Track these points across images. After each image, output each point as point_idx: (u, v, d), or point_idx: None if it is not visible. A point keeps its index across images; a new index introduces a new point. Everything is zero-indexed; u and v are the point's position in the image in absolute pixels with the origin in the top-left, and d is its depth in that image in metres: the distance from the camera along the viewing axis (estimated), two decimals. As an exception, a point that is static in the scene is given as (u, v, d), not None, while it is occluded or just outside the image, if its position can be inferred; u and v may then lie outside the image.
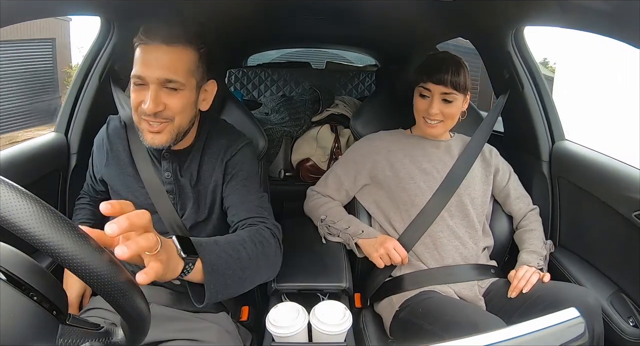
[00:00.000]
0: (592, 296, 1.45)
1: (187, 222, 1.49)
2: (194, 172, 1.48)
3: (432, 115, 1.71)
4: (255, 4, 2.11)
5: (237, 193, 1.47)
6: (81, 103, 1.94)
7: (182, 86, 1.31)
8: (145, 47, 1.28)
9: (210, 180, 1.49)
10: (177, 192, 1.48)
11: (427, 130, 1.77)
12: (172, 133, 1.35)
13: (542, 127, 2.00)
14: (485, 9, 1.78)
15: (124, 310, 0.74)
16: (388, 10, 2.19)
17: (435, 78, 1.68)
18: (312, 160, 3.05)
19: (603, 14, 1.27)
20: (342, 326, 1.33)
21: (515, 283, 1.60)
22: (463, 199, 1.76)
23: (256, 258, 1.25)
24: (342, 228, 1.75)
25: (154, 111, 1.28)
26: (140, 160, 1.49)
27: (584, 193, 1.78)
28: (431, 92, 1.70)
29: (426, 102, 1.73)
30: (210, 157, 1.49)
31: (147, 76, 1.27)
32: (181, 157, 1.48)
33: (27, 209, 0.65)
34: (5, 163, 1.64)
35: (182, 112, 1.34)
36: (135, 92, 1.31)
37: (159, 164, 1.49)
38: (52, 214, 0.67)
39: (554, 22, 1.60)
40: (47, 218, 0.67)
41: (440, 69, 1.68)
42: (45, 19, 1.81)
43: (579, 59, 7.74)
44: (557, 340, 0.68)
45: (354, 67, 5.18)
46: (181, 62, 1.30)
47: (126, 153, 1.52)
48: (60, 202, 1.89)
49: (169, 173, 1.47)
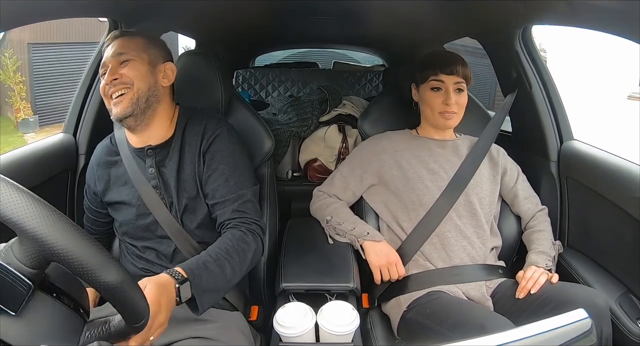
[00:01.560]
0: (600, 297, 1.44)
1: (176, 214, 1.52)
2: (175, 164, 1.52)
3: (451, 105, 1.72)
4: (262, 5, 2.11)
5: (219, 190, 1.51)
6: (89, 104, 1.96)
7: (133, 58, 1.46)
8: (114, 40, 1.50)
9: (191, 169, 1.52)
10: (162, 187, 1.51)
11: (446, 123, 1.77)
12: (132, 100, 1.44)
13: (550, 127, 1.99)
14: (493, 8, 1.77)
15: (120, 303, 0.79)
16: (395, 10, 2.19)
17: (447, 69, 1.72)
18: (319, 160, 3.05)
19: (613, 12, 1.26)
20: (349, 326, 1.33)
21: (523, 283, 1.59)
22: (471, 199, 1.75)
23: (239, 266, 1.39)
24: (347, 230, 1.76)
25: (111, 78, 1.43)
26: (129, 164, 1.53)
27: (593, 194, 1.76)
28: (445, 83, 1.72)
29: (440, 95, 1.74)
30: (190, 147, 1.53)
31: (106, 59, 1.47)
32: (162, 151, 1.53)
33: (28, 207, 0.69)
34: (15, 164, 1.65)
35: (136, 78, 1.45)
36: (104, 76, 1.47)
37: (143, 163, 1.52)
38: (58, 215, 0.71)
39: (563, 21, 1.59)
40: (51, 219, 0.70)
41: (450, 61, 1.72)
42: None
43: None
44: (565, 341, 0.68)
45: (362, 67, 5.16)
46: (131, 43, 1.48)
47: (116, 161, 1.58)
48: (69, 202, 1.91)
49: (153, 168, 1.51)
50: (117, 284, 0.74)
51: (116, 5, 1.69)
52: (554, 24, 1.69)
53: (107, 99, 1.46)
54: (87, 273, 0.71)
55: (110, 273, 0.73)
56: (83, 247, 0.70)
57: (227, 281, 1.34)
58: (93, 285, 0.73)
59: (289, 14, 2.53)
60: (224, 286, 1.34)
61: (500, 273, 1.73)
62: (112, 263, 0.74)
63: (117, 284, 0.74)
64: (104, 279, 0.73)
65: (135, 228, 1.55)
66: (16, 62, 10.10)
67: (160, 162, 1.52)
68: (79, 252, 0.70)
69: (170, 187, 1.51)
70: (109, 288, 0.74)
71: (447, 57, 1.74)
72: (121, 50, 1.45)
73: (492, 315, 1.48)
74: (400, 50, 3.83)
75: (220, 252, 1.36)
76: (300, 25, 3.11)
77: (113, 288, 0.74)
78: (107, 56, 1.47)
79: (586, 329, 0.70)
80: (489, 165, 1.84)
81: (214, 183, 1.50)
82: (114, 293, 0.75)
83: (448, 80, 1.72)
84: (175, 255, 1.53)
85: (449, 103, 1.72)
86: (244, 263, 1.41)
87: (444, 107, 1.74)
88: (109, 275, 0.73)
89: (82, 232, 0.72)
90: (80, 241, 0.71)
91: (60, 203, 1.86)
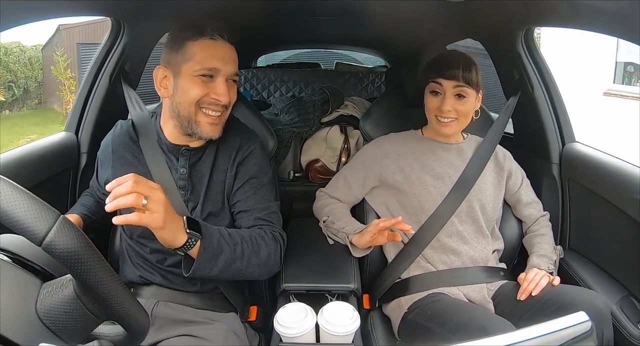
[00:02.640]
0: (601, 300, 1.44)
1: (198, 217, 1.49)
2: (207, 168, 1.50)
3: (445, 112, 1.68)
4: (264, 5, 2.11)
5: (246, 201, 1.50)
6: (91, 103, 1.96)
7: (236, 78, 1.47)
8: (214, 42, 1.39)
9: (222, 178, 1.51)
10: (189, 188, 1.49)
11: (441, 129, 1.74)
12: (223, 124, 1.47)
13: (552, 129, 1.98)
14: (494, 10, 1.77)
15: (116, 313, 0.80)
16: (397, 11, 2.18)
17: (446, 73, 1.66)
18: (321, 160, 3.05)
19: (614, 14, 1.25)
20: (350, 327, 1.33)
21: (525, 285, 1.59)
22: (473, 205, 1.74)
23: (249, 256, 1.36)
24: (339, 228, 1.74)
25: (227, 100, 1.41)
26: (151, 158, 1.50)
27: (594, 196, 1.76)
28: (443, 87, 1.68)
29: (438, 100, 1.70)
30: (224, 155, 1.52)
31: (222, 69, 1.39)
32: (197, 153, 1.51)
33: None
34: (16, 162, 1.66)
35: (233, 103, 1.47)
36: (201, 85, 1.39)
37: (175, 161, 1.50)
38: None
39: (564, 23, 1.59)
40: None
41: (451, 64, 1.67)
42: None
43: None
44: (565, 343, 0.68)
45: (364, 67, 5.16)
46: (237, 58, 1.45)
47: (134, 153, 1.53)
48: (71, 200, 1.90)
49: (185, 169, 1.48)
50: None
51: (118, 4, 1.69)
52: (556, 25, 1.69)
53: (197, 114, 1.41)
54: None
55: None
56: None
57: (232, 259, 1.31)
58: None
59: (291, 14, 2.53)
60: (226, 264, 1.30)
61: (501, 275, 1.73)
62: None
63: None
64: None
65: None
66: (67, 60, 11.54)
67: (193, 165, 1.50)
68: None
69: (199, 192, 1.49)
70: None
71: (449, 61, 1.69)
72: (236, 70, 1.45)
73: (493, 317, 1.48)
74: (402, 51, 3.82)
75: (236, 233, 1.37)
76: (302, 26, 3.11)
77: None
78: (222, 65, 1.40)
79: (587, 332, 0.70)
80: (494, 169, 1.83)
81: (243, 195, 1.50)
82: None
83: (447, 84, 1.67)
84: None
85: (443, 109, 1.68)
86: (256, 256, 1.37)
87: (439, 112, 1.70)
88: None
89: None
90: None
91: (61, 202, 1.86)
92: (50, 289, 0.78)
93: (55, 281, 0.80)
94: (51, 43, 13.51)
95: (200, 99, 1.38)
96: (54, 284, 0.80)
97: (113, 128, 1.62)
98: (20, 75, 13.82)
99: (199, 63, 1.36)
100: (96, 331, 0.86)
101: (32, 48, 14.44)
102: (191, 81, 1.38)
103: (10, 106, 13.97)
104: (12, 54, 13.66)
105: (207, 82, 1.38)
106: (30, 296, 0.77)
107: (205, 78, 1.38)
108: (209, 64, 1.37)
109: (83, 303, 0.77)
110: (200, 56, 1.37)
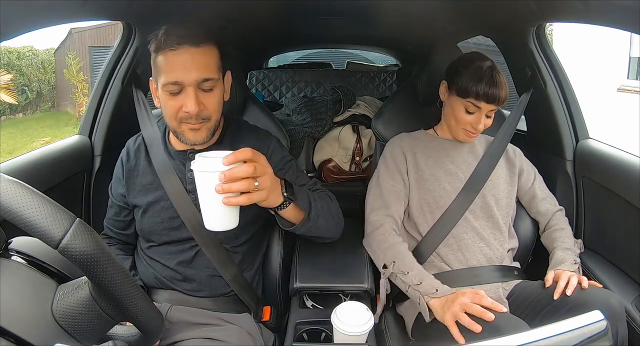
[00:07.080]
0: (616, 299, 1.42)
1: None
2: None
3: (479, 130, 1.70)
4: (275, 6, 2.12)
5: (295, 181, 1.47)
6: (104, 107, 1.98)
7: (215, 84, 1.37)
8: (175, 52, 1.31)
9: None
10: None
11: (467, 139, 1.75)
12: (209, 130, 1.41)
13: (565, 126, 1.97)
14: (506, 6, 1.76)
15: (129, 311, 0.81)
16: (408, 10, 2.18)
17: (489, 98, 1.63)
18: (334, 160, 3.06)
19: (627, 9, 1.24)
20: (363, 327, 1.32)
21: (562, 284, 1.53)
22: (488, 200, 1.74)
23: (328, 207, 1.48)
24: (412, 283, 1.54)
25: (196, 111, 1.33)
26: (160, 165, 1.50)
27: (609, 193, 1.75)
28: (481, 110, 1.66)
29: (472, 117, 1.69)
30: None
31: (184, 79, 1.31)
32: None
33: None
34: (31, 165, 1.68)
35: (216, 110, 1.40)
36: (171, 100, 1.35)
37: (182, 166, 1.50)
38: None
39: (576, 18, 1.57)
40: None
41: (494, 86, 1.62)
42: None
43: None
44: (580, 342, 0.68)
45: (375, 67, 5.17)
46: (213, 60, 1.36)
47: (145, 163, 1.55)
48: (85, 202, 1.93)
49: (192, 173, 1.45)
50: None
51: (129, 8, 1.70)
52: (568, 21, 1.67)
53: (179, 126, 1.39)
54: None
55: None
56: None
57: (320, 209, 1.42)
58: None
59: (302, 14, 2.54)
60: (318, 211, 1.40)
61: (515, 274, 1.72)
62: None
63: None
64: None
65: (160, 231, 1.52)
66: (79, 63, 11.85)
67: None
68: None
69: None
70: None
71: (492, 82, 1.62)
72: (207, 75, 1.33)
73: (508, 316, 1.46)
74: (413, 50, 3.82)
75: (311, 192, 1.45)
76: (312, 26, 3.12)
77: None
78: (184, 75, 1.31)
79: (602, 331, 0.70)
80: (506, 166, 1.83)
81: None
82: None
83: (486, 107, 1.65)
84: (196, 258, 1.52)
85: (477, 127, 1.68)
86: (334, 207, 1.51)
87: (470, 127, 1.70)
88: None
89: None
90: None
91: (76, 205, 1.88)
92: (66, 291, 0.79)
93: (70, 283, 0.81)
94: (63, 46, 13.70)
95: (177, 115, 1.36)
96: (69, 286, 0.80)
97: (126, 145, 1.63)
98: (33, 78, 14.02)
99: (164, 77, 1.33)
100: (111, 332, 0.88)
101: (44, 51, 14.66)
102: (165, 96, 1.36)
103: (24, 109, 14.22)
104: (25, 57, 13.87)
105: (177, 95, 1.34)
106: (46, 298, 0.78)
107: (173, 93, 1.34)
108: (170, 78, 1.31)
109: (98, 304, 0.78)
110: (164, 69, 1.33)
